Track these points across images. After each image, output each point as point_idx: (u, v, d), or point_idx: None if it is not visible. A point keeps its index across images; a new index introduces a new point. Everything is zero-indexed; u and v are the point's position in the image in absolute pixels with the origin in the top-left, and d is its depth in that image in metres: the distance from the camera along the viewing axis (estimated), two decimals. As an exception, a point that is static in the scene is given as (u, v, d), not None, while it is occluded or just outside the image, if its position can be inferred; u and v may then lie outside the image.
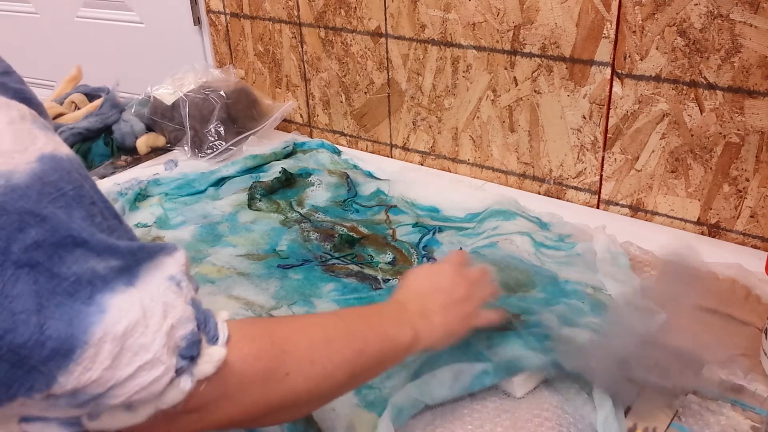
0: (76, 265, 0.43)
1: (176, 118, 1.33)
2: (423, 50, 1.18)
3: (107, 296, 0.44)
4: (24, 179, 0.42)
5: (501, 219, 1.02)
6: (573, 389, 0.71)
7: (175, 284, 0.48)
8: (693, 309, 0.76)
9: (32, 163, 0.43)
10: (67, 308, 0.42)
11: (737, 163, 0.95)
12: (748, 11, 0.87)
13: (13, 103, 0.45)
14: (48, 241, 0.42)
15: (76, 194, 0.45)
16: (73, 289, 0.42)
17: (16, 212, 0.41)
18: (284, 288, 0.91)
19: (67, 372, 0.42)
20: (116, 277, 0.45)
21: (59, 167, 0.44)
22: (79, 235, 0.43)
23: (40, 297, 0.41)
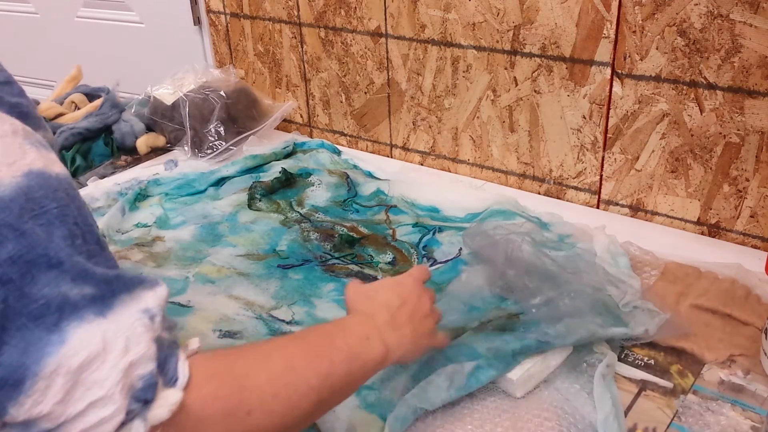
0: (48, 288, 0.41)
1: (176, 118, 1.33)
2: (423, 50, 1.18)
3: (74, 324, 0.42)
4: (7, 192, 0.41)
5: (501, 219, 1.02)
6: (573, 389, 0.71)
7: (148, 317, 0.46)
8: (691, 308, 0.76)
9: (18, 177, 0.42)
10: (27, 333, 0.41)
11: (737, 163, 0.95)
12: (748, 11, 0.87)
13: (6, 118, 0.44)
14: (23, 258, 0.41)
15: (60, 213, 0.44)
16: (39, 313, 0.41)
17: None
18: (284, 288, 0.91)
19: (17, 404, 0.40)
20: (87, 305, 0.43)
21: (46, 184, 0.44)
22: (55, 256, 0.42)
23: (4, 318, 0.40)
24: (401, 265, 0.95)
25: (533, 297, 0.80)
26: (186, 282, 0.92)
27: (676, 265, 0.91)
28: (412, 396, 0.69)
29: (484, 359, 0.71)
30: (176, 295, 0.90)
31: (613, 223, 1.01)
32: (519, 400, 0.71)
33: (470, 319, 0.80)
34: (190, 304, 0.88)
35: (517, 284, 0.83)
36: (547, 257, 0.85)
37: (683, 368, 0.75)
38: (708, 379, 0.73)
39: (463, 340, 0.76)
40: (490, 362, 0.71)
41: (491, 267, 0.87)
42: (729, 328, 0.80)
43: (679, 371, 0.74)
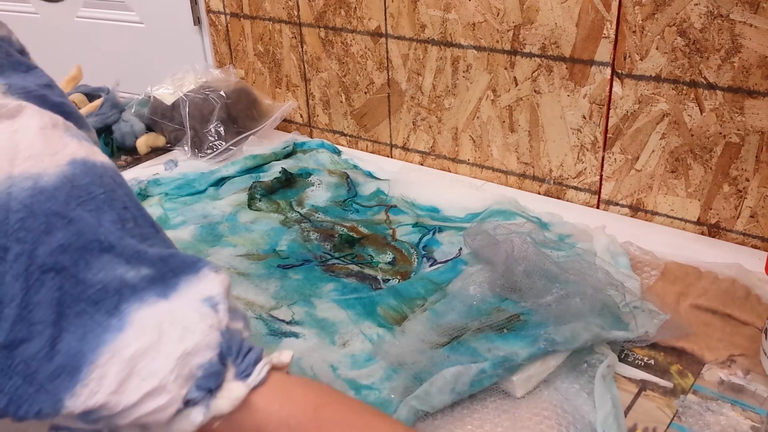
0: (103, 272, 0.41)
1: (176, 118, 1.33)
2: (423, 50, 1.18)
3: (134, 306, 0.42)
4: (52, 181, 0.41)
5: (501, 219, 1.02)
6: (573, 389, 0.71)
7: (210, 306, 0.44)
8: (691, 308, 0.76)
9: (62, 166, 0.42)
10: (86, 319, 0.40)
11: (737, 163, 0.95)
12: (748, 11, 0.87)
13: (47, 113, 0.44)
14: (75, 245, 0.41)
15: (108, 198, 0.44)
16: (98, 297, 0.41)
17: (43, 214, 0.40)
18: (284, 288, 0.91)
19: (73, 395, 0.40)
20: (147, 287, 0.42)
21: (91, 171, 0.43)
22: (106, 239, 0.42)
23: (61, 305, 0.40)
24: (401, 265, 0.95)
25: (534, 297, 0.80)
26: (186, 282, 0.92)
27: (676, 265, 0.91)
28: (414, 398, 0.69)
29: (490, 365, 0.71)
30: (176, 295, 0.90)
31: (613, 223, 1.01)
32: (519, 400, 0.71)
33: (470, 320, 0.80)
34: (190, 304, 0.88)
35: (517, 284, 0.83)
36: (547, 257, 0.85)
37: (683, 368, 0.75)
38: (708, 379, 0.73)
39: (463, 340, 0.76)
40: (496, 369, 0.71)
41: (492, 267, 0.87)
42: (729, 328, 0.80)
43: (679, 371, 0.74)
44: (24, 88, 0.44)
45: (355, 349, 0.79)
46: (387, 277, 0.93)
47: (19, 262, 0.40)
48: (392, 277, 0.93)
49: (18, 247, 0.40)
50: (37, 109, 0.44)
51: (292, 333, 0.82)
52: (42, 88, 0.46)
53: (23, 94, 0.44)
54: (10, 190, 0.40)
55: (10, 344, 0.39)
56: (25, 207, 0.40)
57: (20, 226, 0.40)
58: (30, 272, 0.40)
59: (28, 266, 0.40)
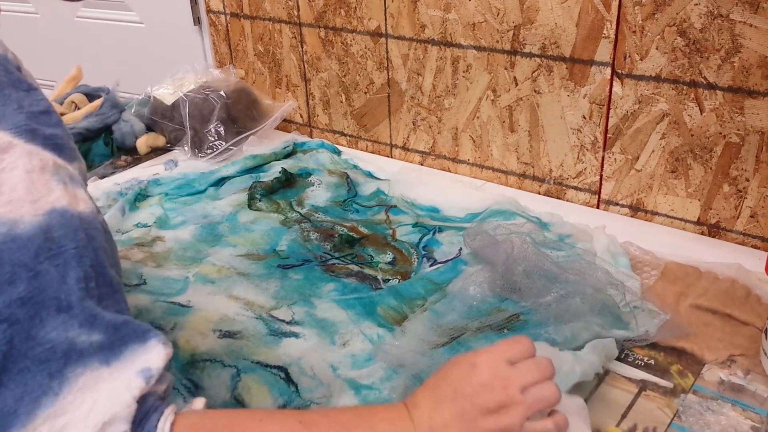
0: (56, 332, 0.41)
1: (176, 118, 1.33)
2: (423, 50, 1.18)
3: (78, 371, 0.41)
4: (27, 230, 0.41)
5: (501, 219, 1.02)
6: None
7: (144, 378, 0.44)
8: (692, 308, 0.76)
9: (40, 216, 0.42)
10: (28, 378, 0.40)
11: (737, 163, 0.95)
12: (748, 11, 0.87)
13: (37, 152, 0.44)
14: (34, 300, 0.40)
15: (77, 254, 0.43)
16: (45, 357, 0.41)
17: (10, 263, 0.40)
18: (284, 288, 0.91)
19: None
20: (94, 353, 0.42)
21: (67, 224, 0.43)
22: (66, 299, 0.42)
23: (6, 359, 0.40)
24: (401, 265, 0.95)
25: (534, 297, 0.80)
26: (186, 282, 0.92)
27: (676, 265, 0.91)
28: None
29: None
30: (176, 295, 0.90)
31: (613, 223, 1.01)
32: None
33: (470, 320, 0.80)
34: (190, 304, 0.88)
35: (517, 285, 0.83)
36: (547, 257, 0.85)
37: (683, 368, 0.75)
38: (708, 379, 0.73)
39: (463, 341, 0.76)
40: None
41: (492, 267, 0.87)
42: (729, 328, 0.80)
43: (679, 371, 0.74)
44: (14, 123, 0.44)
45: (355, 349, 0.79)
46: (387, 277, 0.93)
47: None
48: (392, 277, 0.93)
49: None
50: (27, 150, 0.43)
51: (292, 333, 0.82)
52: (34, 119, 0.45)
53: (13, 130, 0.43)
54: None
55: None
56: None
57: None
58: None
59: None
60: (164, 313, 0.86)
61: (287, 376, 0.75)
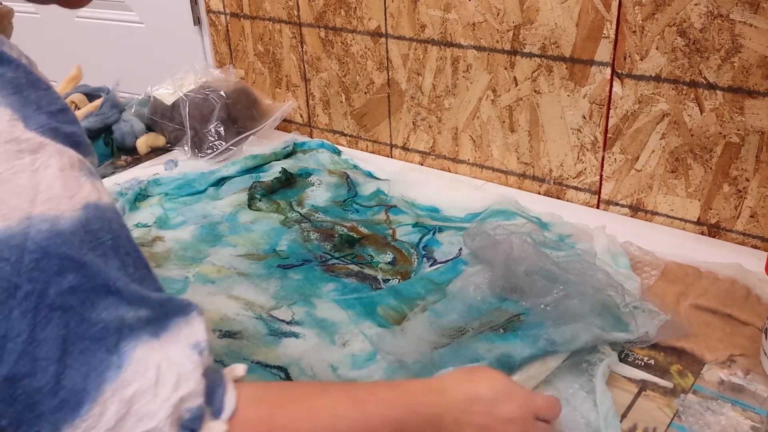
0: (106, 312, 0.44)
1: (176, 118, 1.33)
2: (423, 50, 1.18)
3: (131, 345, 0.44)
4: (68, 225, 0.44)
5: (501, 219, 1.02)
6: (572, 388, 0.71)
7: (198, 352, 0.47)
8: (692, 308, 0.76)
9: (77, 211, 0.44)
10: (89, 356, 0.43)
11: (737, 163, 0.95)
12: (748, 11, 0.87)
13: (65, 150, 0.46)
14: (84, 287, 0.43)
15: (114, 244, 0.46)
16: (100, 335, 0.43)
17: (58, 257, 0.43)
18: (284, 288, 0.91)
19: (72, 426, 0.42)
20: (143, 327, 0.45)
21: (102, 217, 0.46)
22: (113, 284, 0.44)
23: (66, 342, 0.42)
24: (401, 265, 0.95)
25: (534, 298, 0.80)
26: (186, 282, 0.92)
27: (676, 265, 0.91)
28: None
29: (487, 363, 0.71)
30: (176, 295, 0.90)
31: (613, 223, 1.01)
32: (519, 400, 0.71)
33: (470, 320, 0.80)
34: (190, 304, 0.88)
35: (517, 285, 0.83)
36: (547, 257, 0.85)
37: (683, 368, 0.75)
38: (708, 379, 0.73)
39: (464, 341, 0.76)
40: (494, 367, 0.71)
41: (492, 267, 0.87)
42: (729, 328, 0.80)
43: (679, 371, 0.74)
44: (38, 123, 0.46)
45: (355, 349, 0.79)
46: (387, 277, 0.93)
47: (29, 300, 0.42)
48: (392, 277, 0.93)
49: (29, 285, 0.42)
50: (57, 148, 0.45)
51: (292, 333, 0.82)
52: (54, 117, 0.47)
53: (38, 129, 0.45)
54: (28, 230, 0.42)
55: (13, 377, 0.41)
56: (41, 248, 0.42)
57: (34, 266, 0.42)
58: (38, 310, 0.42)
59: (37, 305, 0.42)
60: (164, 313, 0.86)
61: (287, 376, 0.75)
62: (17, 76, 0.46)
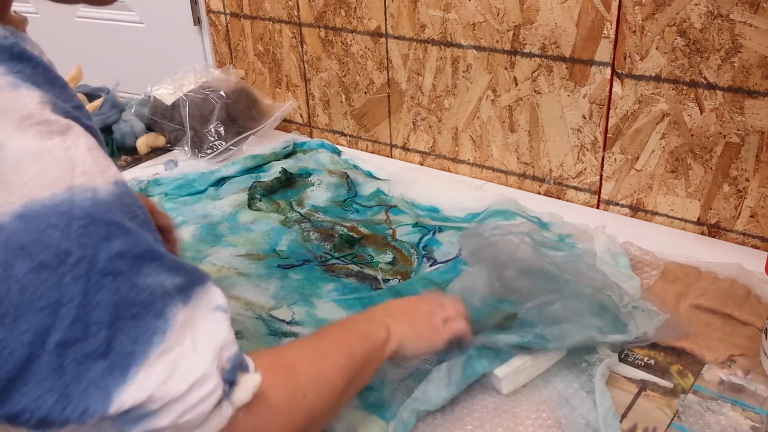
0: (151, 278, 0.45)
1: (176, 118, 1.33)
2: (423, 50, 1.18)
3: (173, 311, 0.46)
4: (107, 196, 0.45)
5: (501, 219, 1.02)
6: (572, 389, 0.71)
7: (222, 311, 0.50)
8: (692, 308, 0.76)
9: (111, 185, 0.46)
10: (139, 321, 0.44)
11: (737, 163, 0.95)
12: (748, 11, 0.87)
13: (86, 134, 0.47)
14: (131, 253, 0.45)
15: (145, 218, 0.48)
16: (149, 300, 0.45)
17: (104, 222, 0.44)
18: (284, 288, 0.91)
19: (123, 391, 0.43)
20: (177, 294, 0.47)
21: (130, 193, 0.48)
22: (157, 251, 0.46)
23: (117, 308, 0.43)
24: (401, 265, 0.95)
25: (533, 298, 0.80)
26: (186, 282, 0.92)
27: (676, 265, 0.91)
28: (413, 400, 0.69)
29: (474, 350, 0.73)
30: (176, 295, 0.90)
31: (613, 223, 1.01)
32: (519, 400, 0.71)
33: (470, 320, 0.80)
34: (190, 304, 0.88)
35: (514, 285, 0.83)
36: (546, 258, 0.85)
37: (683, 368, 0.75)
38: (708, 379, 0.73)
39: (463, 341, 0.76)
40: (482, 352, 0.72)
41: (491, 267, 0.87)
42: (729, 328, 0.80)
43: (679, 371, 0.74)
44: (64, 109, 0.47)
45: (355, 349, 0.79)
46: (387, 277, 0.93)
47: (80, 266, 0.43)
48: (392, 277, 0.93)
49: (80, 251, 0.43)
50: (82, 129, 0.47)
51: (292, 333, 0.82)
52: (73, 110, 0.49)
53: (64, 114, 0.47)
54: (73, 198, 0.43)
55: (65, 342, 0.42)
56: (88, 215, 0.43)
57: (83, 231, 0.43)
58: (90, 275, 0.43)
59: (89, 270, 0.43)
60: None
61: (287, 376, 0.75)
62: (36, 72, 0.46)
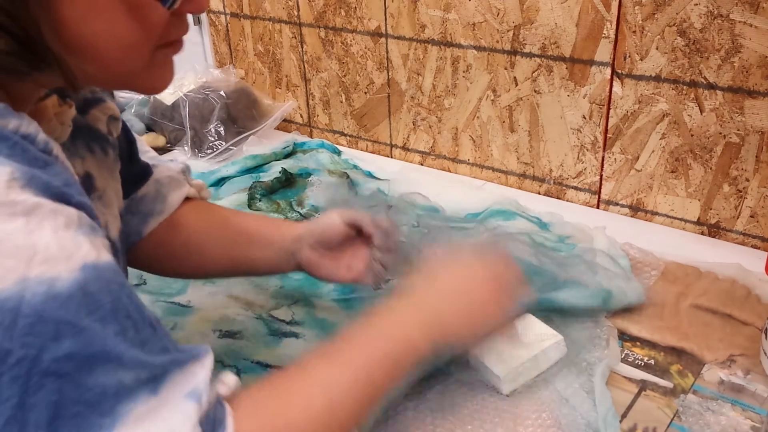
0: (104, 377, 0.42)
1: (176, 118, 1.33)
2: (423, 50, 1.18)
3: (129, 406, 0.43)
4: (66, 288, 0.42)
5: (501, 219, 1.02)
6: (572, 388, 0.71)
7: (195, 400, 0.46)
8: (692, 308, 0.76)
9: (75, 272, 0.43)
10: (80, 420, 0.41)
11: (737, 163, 0.95)
12: (748, 11, 0.87)
13: (61, 209, 0.44)
14: (81, 354, 0.42)
15: (113, 307, 0.44)
16: (96, 400, 0.42)
17: (54, 321, 0.41)
18: (284, 288, 0.91)
19: None
20: (141, 386, 0.44)
21: (100, 277, 0.44)
22: (112, 350, 0.43)
23: (58, 407, 0.41)
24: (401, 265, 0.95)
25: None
26: (186, 282, 0.92)
27: (676, 265, 0.91)
28: None
29: None
30: (176, 296, 0.90)
31: (613, 223, 1.01)
32: (519, 400, 0.71)
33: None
34: (190, 304, 0.88)
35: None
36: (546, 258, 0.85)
37: (683, 368, 0.75)
38: (708, 379, 0.73)
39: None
40: None
41: None
42: (729, 328, 0.80)
43: (679, 371, 0.74)
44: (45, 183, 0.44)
45: (355, 349, 0.79)
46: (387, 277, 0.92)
47: (20, 366, 0.40)
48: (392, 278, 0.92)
49: (21, 351, 0.40)
50: (52, 208, 0.44)
51: (292, 333, 0.82)
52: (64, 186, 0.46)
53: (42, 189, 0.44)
54: (23, 293, 0.41)
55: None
56: (36, 312, 0.41)
57: (28, 330, 0.40)
58: (30, 375, 0.40)
59: (29, 370, 0.40)
60: (164, 313, 0.86)
61: (287, 376, 0.75)
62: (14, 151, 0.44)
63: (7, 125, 0.44)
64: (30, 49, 0.45)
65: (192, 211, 0.79)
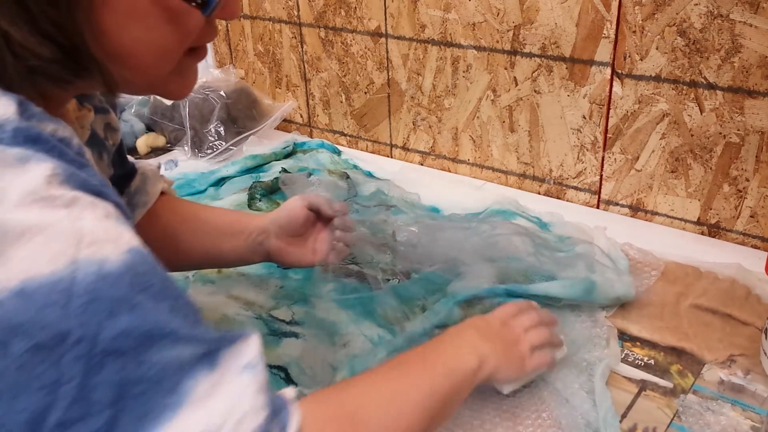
0: (163, 353, 0.42)
1: (176, 118, 1.33)
2: (423, 50, 1.18)
3: (190, 384, 0.43)
4: (116, 267, 0.42)
5: (501, 219, 1.02)
6: (572, 388, 0.71)
7: (250, 372, 0.46)
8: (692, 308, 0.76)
9: (124, 254, 0.43)
10: (146, 399, 0.41)
11: (737, 163, 0.95)
12: (748, 11, 0.87)
13: (98, 202, 0.45)
14: (138, 329, 0.42)
15: (162, 287, 0.45)
16: (158, 378, 0.42)
17: (108, 299, 0.41)
18: (284, 288, 0.91)
19: None
20: (198, 362, 0.44)
21: (146, 261, 0.45)
22: (167, 325, 0.43)
23: (121, 387, 0.41)
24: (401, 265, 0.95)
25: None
26: (186, 282, 0.92)
27: (676, 265, 0.91)
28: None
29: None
30: (176, 295, 0.90)
31: (613, 223, 1.01)
32: (519, 400, 0.71)
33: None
34: (190, 304, 0.88)
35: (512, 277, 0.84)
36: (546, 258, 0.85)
37: (683, 368, 0.75)
38: (708, 379, 0.73)
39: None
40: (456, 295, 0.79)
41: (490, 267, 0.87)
42: (729, 328, 0.80)
43: (679, 371, 0.74)
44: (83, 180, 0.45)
45: (355, 349, 0.79)
46: (387, 277, 0.92)
47: (81, 346, 0.40)
48: (392, 278, 0.92)
49: (80, 330, 0.40)
50: (90, 200, 0.44)
51: (292, 333, 0.82)
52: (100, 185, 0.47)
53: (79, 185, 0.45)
54: (75, 275, 0.41)
55: (65, 422, 0.40)
56: (90, 291, 0.41)
57: (84, 309, 0.41)
58: (92, 355, 0.40)
59: (90, 350, 0.40)
60: (164, 313, 0.86)
61: (287, 376, 0.75)
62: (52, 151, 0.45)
63: (46, 129, 0.45)
64: (74, 58, 0.46)
65: (165, 205, 0.82)
